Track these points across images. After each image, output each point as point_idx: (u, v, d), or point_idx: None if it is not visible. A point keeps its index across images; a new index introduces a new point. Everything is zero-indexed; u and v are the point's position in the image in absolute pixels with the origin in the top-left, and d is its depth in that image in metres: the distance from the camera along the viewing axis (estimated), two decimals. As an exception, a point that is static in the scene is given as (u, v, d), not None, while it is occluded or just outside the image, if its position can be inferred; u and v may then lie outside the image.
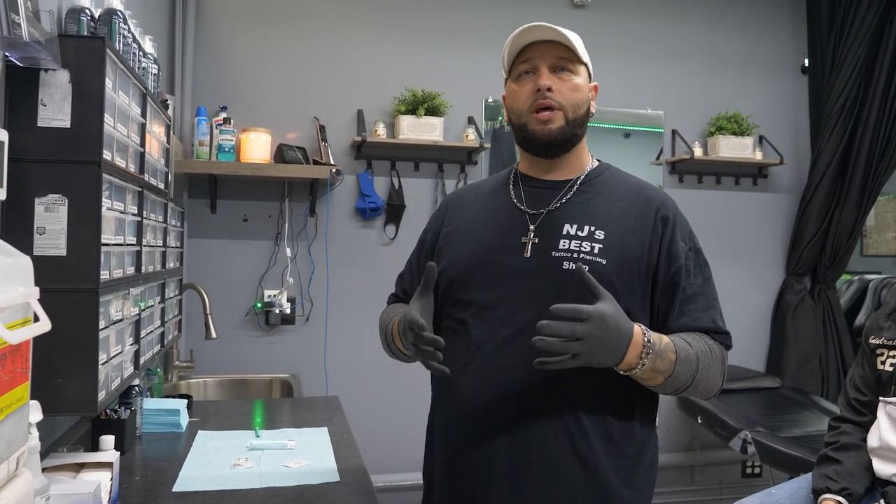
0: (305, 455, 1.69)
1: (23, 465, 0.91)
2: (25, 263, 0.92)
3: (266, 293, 3.09)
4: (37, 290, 0.91)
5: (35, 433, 0.95)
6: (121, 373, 1.45)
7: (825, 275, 3.67)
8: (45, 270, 1.12)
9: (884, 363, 1.80)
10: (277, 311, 3.07)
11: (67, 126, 1.23)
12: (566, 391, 1.19)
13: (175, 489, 1.46)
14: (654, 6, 3.57)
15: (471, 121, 3.27)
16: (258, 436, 1.85)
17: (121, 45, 1.45)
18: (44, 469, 1.12)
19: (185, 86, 2.94)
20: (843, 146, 3.56)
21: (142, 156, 1.60)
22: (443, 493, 1.30)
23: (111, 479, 1.30)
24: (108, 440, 1.38)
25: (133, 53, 1.57)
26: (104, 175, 1.27)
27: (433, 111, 3.12)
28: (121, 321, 1.42)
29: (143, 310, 1.64)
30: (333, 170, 2.99)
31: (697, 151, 3.46)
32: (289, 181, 3.10)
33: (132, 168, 1.51)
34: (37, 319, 0.90)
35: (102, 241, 1.26)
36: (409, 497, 3.02)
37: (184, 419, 1.96)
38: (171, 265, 2.06)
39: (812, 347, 3.60)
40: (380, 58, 3.23)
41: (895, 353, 1.79)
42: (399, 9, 3.27)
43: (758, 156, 3.56)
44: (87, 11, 1.37)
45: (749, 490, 2.26)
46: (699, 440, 3.60)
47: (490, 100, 3.31)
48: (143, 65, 1.70)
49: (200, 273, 2.96)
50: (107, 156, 1.28)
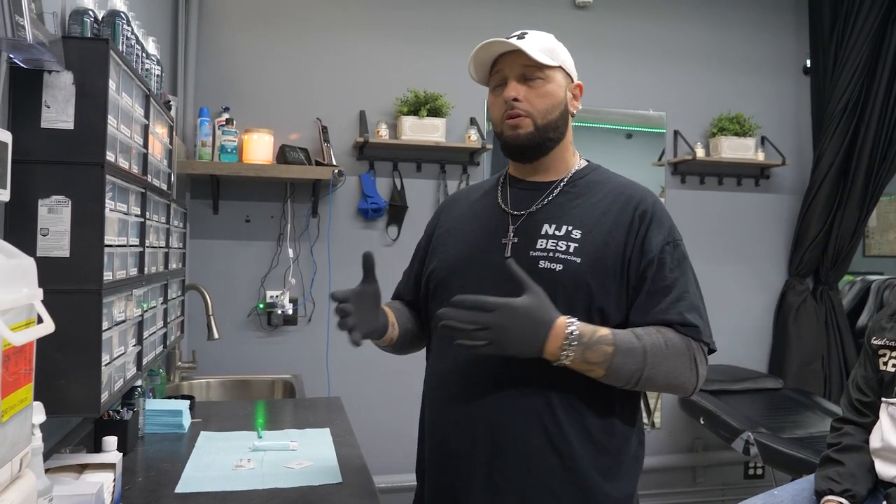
0: (308, 456, 1.69)
1: (26, 467, 0.91)
2: (29, 265, 0.92)
3: (268, 294, 3.10)
4: (40, 292, 0.91)
5: (38, 434, 0.96)
6: (123, 374, 1.45)
7: (827, 275, 3.66)
8: (49, 272, 1.13)
9: (886, 364, 1.80)
10: (280, 312, 3.07)
11: (71, 127, 1.24)
12: (541, 386, 1.21)
13: (177, 490, 1.46)
14: (657, 7, 3.57)
15: (473, 122, 3.27)
16: (260, 437, 1.85)
17: (124, 47, 1.46)
18: (47, 470, 1.13)
19: (188, 87, 2.94)
20: (846, 147, 3.55)
21: (145, 157, 1.60)
22: (428, 484, 1.33)
23: (114, 480, 1.30)
24: (111, 441, 1.38)
25: (136, 55, 1.58)
26: (107, 176, 1.27)
27: (435, 112, 3.12)
28: (124, 322, 1.42)
29: (146, 311, 1.65)
30: (336, 171, 3.00)
31: (699, 152, 3.45)
32: (291, 182, 3.11)
33: (135, 169, 1.51)
34: (40, 321, 0.90)
35: (105, 243, 1.27)
36: (412, 498, 3.00)
37: (186, 420, 1.97)
38: (174, 266, 2.06)
39: (814, 348, 3.59)
40: (382, 59, 3.23)
41: (898, 354, 1.79)
42: (401, 10, 3.28)
43: (760, 157, 3.56)
44: (91, 13, 1.37)
45: (752, 491, 2.25)
46: (701, 441, 3.59)
47: (492, 101, 3.31)
48: (146, 66, 1.70)
49: (203, 274, 2.96)
50: (110, 157, 1.29)
